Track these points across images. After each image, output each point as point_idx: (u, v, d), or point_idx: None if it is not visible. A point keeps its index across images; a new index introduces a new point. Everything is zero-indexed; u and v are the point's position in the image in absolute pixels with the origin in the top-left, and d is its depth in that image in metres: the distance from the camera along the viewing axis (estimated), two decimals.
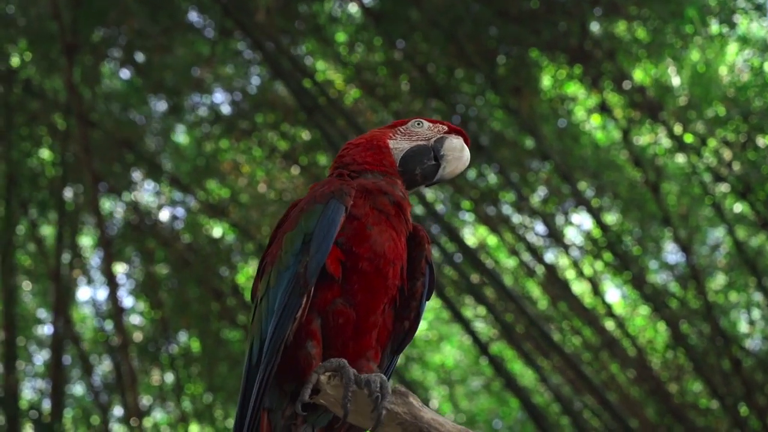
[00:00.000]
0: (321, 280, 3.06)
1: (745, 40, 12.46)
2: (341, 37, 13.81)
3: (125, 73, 14.81)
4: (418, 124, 3.47)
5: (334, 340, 3.09)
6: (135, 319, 16.29)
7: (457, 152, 3.39)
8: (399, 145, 3.41)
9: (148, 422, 16.17)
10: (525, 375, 15.78)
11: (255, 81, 14.68)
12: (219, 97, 15.21)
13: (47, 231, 15.82)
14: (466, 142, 3.44)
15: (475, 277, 13.45)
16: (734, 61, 12.99)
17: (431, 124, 3.47)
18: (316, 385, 2.94)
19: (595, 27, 12.69)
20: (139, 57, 14.31)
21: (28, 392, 16.51)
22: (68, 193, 14.66)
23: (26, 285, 16.80)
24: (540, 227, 14.46)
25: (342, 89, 14.11)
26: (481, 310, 14.53)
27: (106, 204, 15.35)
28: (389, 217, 3.18)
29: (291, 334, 3.04)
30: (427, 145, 3.40)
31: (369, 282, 3.10)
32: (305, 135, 14.29)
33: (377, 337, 3.19)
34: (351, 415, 2.95)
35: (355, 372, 2.95)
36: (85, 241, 16.30)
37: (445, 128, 3.46)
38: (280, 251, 3.19)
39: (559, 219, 14.59)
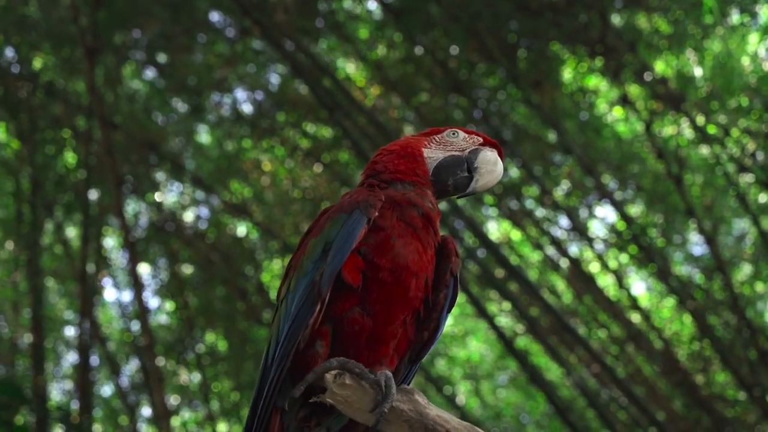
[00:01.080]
0: (339, 288, 3.08)
1: (767, 30, 12.38)
2: (363, 34, 13.82)
3: (147, 75, 14.87)
4: (454, 134, 3.44)
5: (348, 347, 3.10)
6: (161, 319, 16.36)
7: (491, 165, 3.37)
8: (433, 154, 3.39)
9: (176, 421, 16.25)
10: (551, 369, 15.76)
11: (276, 80, 14.71)
12: (240, 96, 15.26)
13: (72, 233, 15.91)
14: (500, 155, 3.42)
15: (499, 272, 13.47)
16: (756, 51, 12.92)
17: (467, 135, 3.44)
18: (322, 384, 2.96)
19: (615, 19, 12.64)
20: (161, 58, 14.36)
21: (56, 393, 16.63)
22: (93, 196, 14.72)
23: (53, 287, 16.91)
24: (564, 221, 14.45)
25: (363, 86, 14.13)
26: (506, 305, 14.53)
27: (131, 205, 15.42)
28: (416, 230, 3.17)
29: (303, 341, 3.06)
30: (461, 156, 3.38)
31: (389, 293, 3.10)
32: (327, 133, 14.32)
33: (396, 346, 3.19)
34: (354, 412, 2.99)
35: (361, 367, 2.98)
36: (110, 242, 16.40)
37: (481, 140, 3.44)
38: (303, 257, 3.22)
39: (583, 212, 14.57)
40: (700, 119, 12.88)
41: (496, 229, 15.50)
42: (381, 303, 3.09)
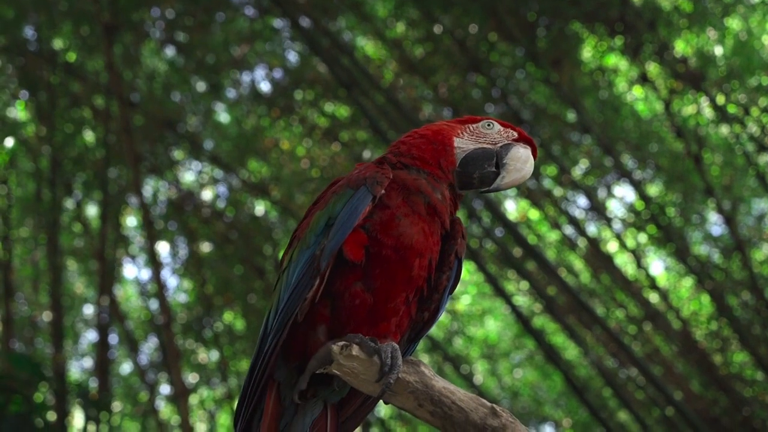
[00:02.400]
0: (341, 263, 3.08)
1: None
2: (382, 12, 13.77)
3: (166, 53, 14.87)
4: (489, 125, 3.37)
5: (348, 321, 3.10)
6: (180, 297, 16.41)
7: (520, 163, 3.29)
8: (464, 144, 3.32)
9: (194, 399, 16.33)
10: (568, 348, 15.78)
11: (294, 58, 14.69)
12: (259, 75, 15.25)
13: (92, 212, 15.97)
14: (534, 152, 3.35)
15: (517, 251, 13.47)
16: None
17: (502, 128, 3.37)
18: (329, 356, 2.98)
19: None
20: (180, 36, 14.35)
21: (75, 371, 16.74)
22: (112, 174, 14.77)
23: (72, 265, 16.99)
24: (582, 200, 14.42)
25: (381, 65, 14.10)
26: (524, 284, 14.53)
27: (149, 184, 15.46)
28: (421, 215, 3.16)
29: (301, 314, 3.08)
30: (492, 149, 3.31)
31: (391, 270, 3.10)
32: (345, 111, 14.31)
33: (398, 323, 3.19)
34: (360, 383, 3.01)
35: (366, 339, 3.00)
36: (130, 221, 16.45)
37: (516, 135, 3.36)
38: (307, 228, 3.24)
39: (602, 192, 14.54)
40: (720, 98, 12.81)
41: (514, 208, 15.49)
42: (383, 279, 3.10)
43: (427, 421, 3.02)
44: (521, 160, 3.29)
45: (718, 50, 12.86)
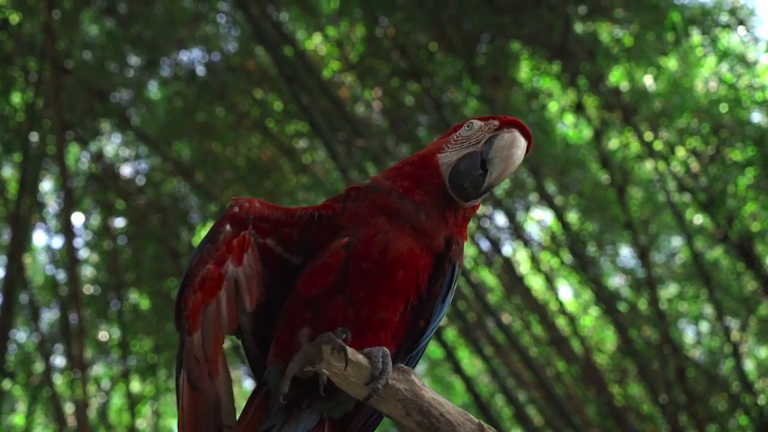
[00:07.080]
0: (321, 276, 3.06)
1: (724, 54, 12.50)
2: (326, 8, 13.76)
3: (105, 24, 14.63)
4: (469, 126, 3.12)
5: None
6: (87, 271, 16.13)
7: (505, 151, 3.00)
8: (448, 158, 3.09)
9: (89, 375, 16.05)
10: (471, 364, 15.86)
11: (234, 44, 14.57)
12: (196, 55, 15.08)
13: (7, 173, 15.62)
14: (524, 132, 3.06)
15: None
16: (711, 73, 13.07)
17: (482, 123, 3.10)
18: (319, 355, 2.90)
19: (579, 28, 12.68)
20: (121, 8, 14.16)
21: None
22: (34, 138, 14.46)
23: None
24: (501, 219, 14.52)
25: (322, 61, 14.07)
26: None
27: (71, 152, 15.21)
28: (405, 232, 3.05)
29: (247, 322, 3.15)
30: (475, 151, 3.05)
31: (374, 283, 3.03)
32: (278, 103, 14.24)
33: (392, 335, 3.13)
34: (348, 385, 2.94)
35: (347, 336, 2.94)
36: (46, 187, 16.14)
37: (497, 123, 3.08)
38: None
39: (521, 213, 14.66)
40: (649, 135, 13.04)
41: None
42: (366, 292, 3.03)
43: (412, 430, 2.94)
44: (505, 147, 3.01)
45: (652, 86, 13.07)
